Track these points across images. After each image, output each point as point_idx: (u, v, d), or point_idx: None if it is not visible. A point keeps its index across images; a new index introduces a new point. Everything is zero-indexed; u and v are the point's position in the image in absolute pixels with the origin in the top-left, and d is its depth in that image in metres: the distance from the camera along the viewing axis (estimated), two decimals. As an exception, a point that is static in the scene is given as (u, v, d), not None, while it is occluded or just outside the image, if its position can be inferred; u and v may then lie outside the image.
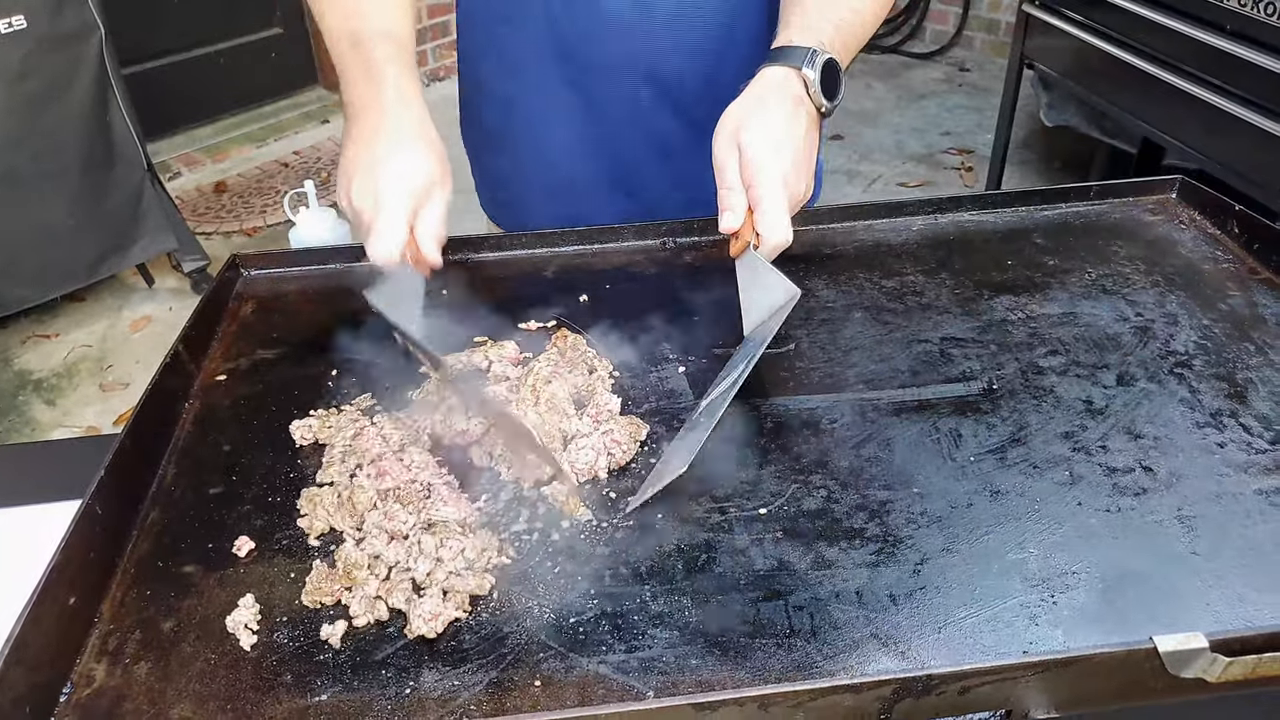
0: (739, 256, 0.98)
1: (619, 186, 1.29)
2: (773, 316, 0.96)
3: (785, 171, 0.96)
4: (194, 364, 1.01)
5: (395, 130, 0.95)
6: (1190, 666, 0.65)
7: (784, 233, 0.95)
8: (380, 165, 0.93)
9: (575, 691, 0.67)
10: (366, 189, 0.93)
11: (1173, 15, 2.46)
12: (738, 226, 0.96)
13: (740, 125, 0.97)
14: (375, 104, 0.97)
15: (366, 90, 0.98)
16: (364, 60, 0.99)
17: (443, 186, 0.97)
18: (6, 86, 2.75)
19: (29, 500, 1.00)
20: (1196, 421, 0.90)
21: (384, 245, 0.91)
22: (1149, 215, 1.24)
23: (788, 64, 1.00)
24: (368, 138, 0.95)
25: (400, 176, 0.93)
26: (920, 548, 0.78)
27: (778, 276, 0.96)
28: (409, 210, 0.93)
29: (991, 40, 5.35)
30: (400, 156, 0.94)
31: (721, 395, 0.90)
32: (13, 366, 3.13)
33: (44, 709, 0.66)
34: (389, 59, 0.99)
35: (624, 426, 0.91)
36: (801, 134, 0.98)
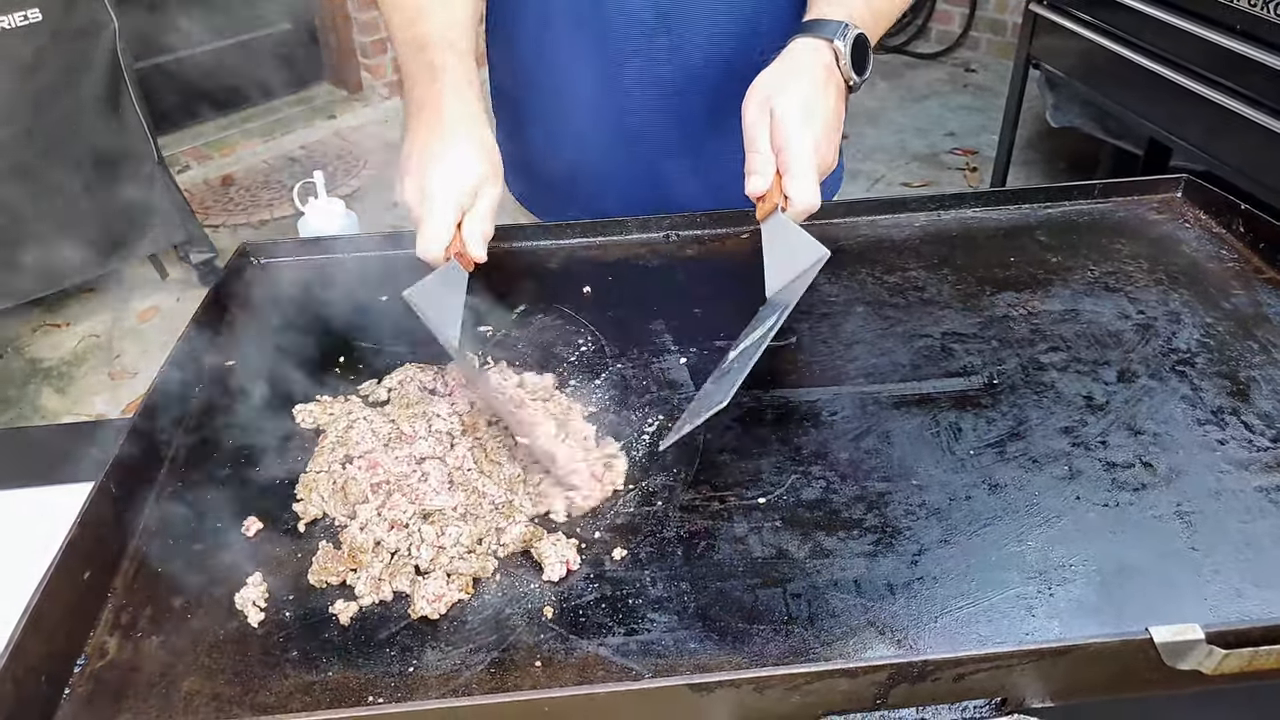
0: (765, 220, 0.99)
1: (640, 176, 1.30)
2: (799, 277, 0.97)
3: (816, 138, 0.97)
4: (204, 350, 1.03)
5: (447, 130, 0.98)
6: (1186, 658, 0.66)
7: (813, 197, 0.97)
8: (430, 164, 0.96)
9: (575, 672, 0.69)
10: (418, 187, 0.96)
11: (1181, 15, 2.46)
12: (765, 189, 0.98)
13: (773, 92, 0.99)
14: (432, 104, 1.00)
15: (426, 91, 1.02)
16: (425, 63, 1.03)
17: (492, 185, 1.00)
18: (20, 79, 2.76)
19: (41, 481, 1.01)
20: (1198, 418, 0.91)
21: (429, 242, 0.95)
22: (1154, 214, 1.25)
23: (820, 35, 1.03)
24: (423, 137, 0.99)
25: (448, 175, 0.96)
26: (918, 539, 0.79)
27: (806, 238, 0.97)
28: (456, 208, 0.97)
29: (998, 41, 5.34)
30: (450, 156, 0.97)
31: (754, 344, 0.90)
32: (24, 355, 3.15)
33: (59, 678, 0.68)
34: (448, 63, 1.03)
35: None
36: (832, 104, 1.01)
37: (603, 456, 0.88)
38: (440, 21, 1.07)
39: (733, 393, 0.81)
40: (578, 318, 1.09)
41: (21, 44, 2.73)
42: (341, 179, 4.19)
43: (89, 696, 0.67)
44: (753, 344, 0.91)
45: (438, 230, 0.95)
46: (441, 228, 0.95)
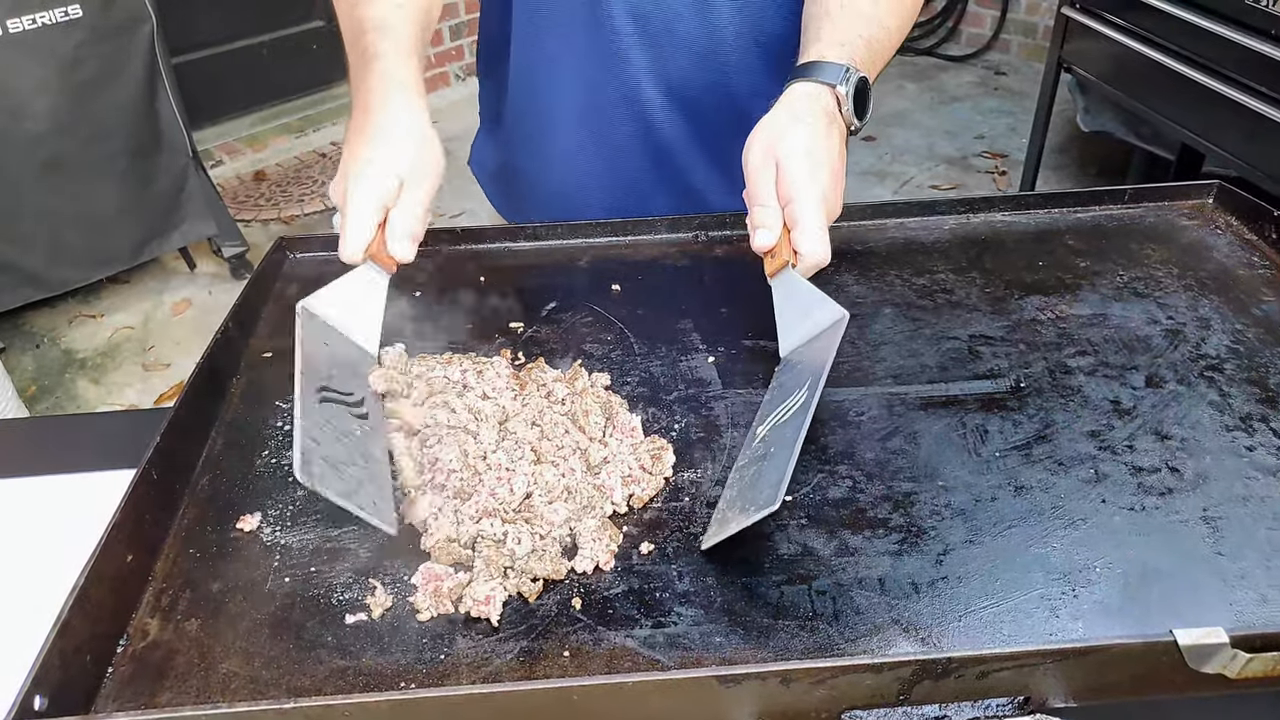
0: (775, 276, 0.95)
1: (619, 194, 1.31)
2: (819, 338, 0.92)
3: (823, 188, 0.94)
4: (242, 342, 1.05)
5: (374, 122, 0.94)
6: (1210, 662, 0.66)
7: (824, 251, 0.93)
8: (351, 163, 0.93)
9: (603, 662, 0.70)
10: (339, 184, 0.94)
11: (1214, 19, 2.44)
12: (774, 243, 0.94)
13: (775, 140, 0.95)
14: (362, 96, 0.96)
15: (360, 82, 0.98)
16: (361, 49, 0.99)
17: (419, 183, 0.94)
18: (60, 74, 2.82)
19: (76, 469, 1.03)
20: (1226, 424, 0.91)
21: (348, 245, 0.91)
22: (1184, 220, 1.24)
23: (821, 81, 0.99)
24: (353, 133, 0.95)
25: (369, 170, 0.91)
26: (943, 539, 0.80)
27: (821, 296, 0.92)
28: (378, 206, 0.92)
29: (1028, 44, 5.31)
30: (374, 149, 0.92)
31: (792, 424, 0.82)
32: (60, 345, 3.21)
33: (103, 658, 0.70)
34: (381, 50, 0.98)
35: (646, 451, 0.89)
36: (836, 150, 0.97)
37: (651, 448, 0.89)
38: (382, 5, 1.02)
39: (782, 492, 0.74)
40: (607, 315, 1.10)
41: (62, 39, 2.79)
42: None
43: (131, 676, 0.69)
44: (790, 422, 0.83)
45: (356, 229, 0.91)
46: (360, 227, 0.91)
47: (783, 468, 0.76)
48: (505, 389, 0.95)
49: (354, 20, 1.02)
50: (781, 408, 0.87)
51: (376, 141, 0.93)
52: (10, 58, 2.71)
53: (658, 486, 0.86)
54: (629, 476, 0.86)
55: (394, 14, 1.01)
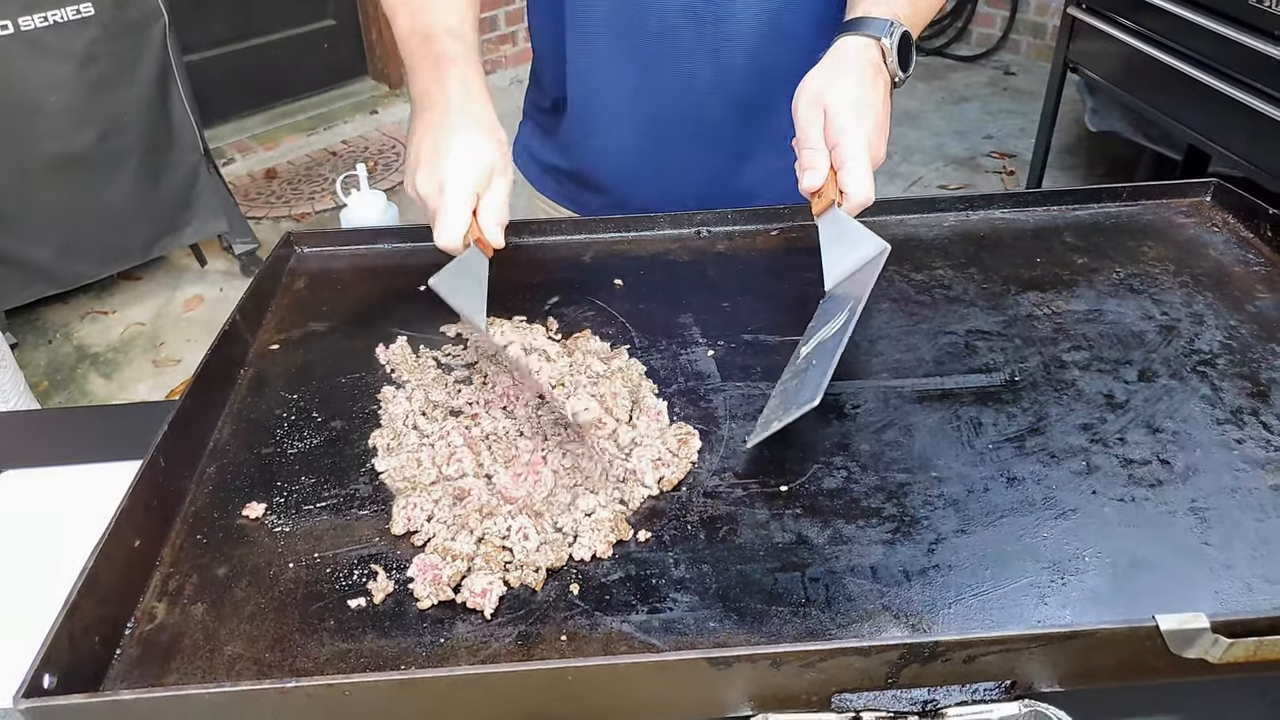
0: (821, 215, 1.01)
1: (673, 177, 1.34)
2: (862, 270, 0.98)
3: (869, 133, 1.00)
4: (249, 334, 1.07)
5: (458, 120, 1.00)
6: (1192, 646, 0.67)
7: (869, 190, 0.99)
8: (444, 154, 0.98)
9: (599, 647, 0.71)
10: (431, 178, 0.98)
11: (1218, 19, 2.45)
12: (820, 184, 1.00)
13: (824, 89, 1.01)
14: (440, 96, 1.02)
15: (433, 83, 1.03)
16: (432, 55, 1.05)
17: (503, 173, 1.01)
18: (74, 70, 2.85)
19: (88, 460, 1.06)
20: (1216, 418, 0.92)
21: (449, 231, 0.96)
22: (1182, 217, 1.25)
23: (867, 34, 1.05)
24: (433, 128, 1.00)
25: (462, 164, 0.97)
26: (936, 528, 0.81)
27: (864, 231, 0.99)
28: (472, 196, 0.98)
29: (1038, 44, 5.31)
30: (462, 145, 0.98)
31: (834, 338, 0.90)
32: (72, 340, 3.24)
33: (110, 640, 0.71)
34: (454, 54, 1.05)
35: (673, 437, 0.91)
36: (881, 100, 1.03)
37: (678, 431, 0.91)
38: (446, 14, 1.08)
39: (822, 392, 0.81)
40: (609, 309, 1.12)
41: (74, 36, 2.82)
42: (382, 173, 4.26)
43: (139, 658, 0.71)
44: (831, 339, 0.91)
45: (456, 218, 0.96)
46: (459, 216, 0.97)
47: (823, 372, 0.84)
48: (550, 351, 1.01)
49: (420, 24, 1.08)
50: (824, 329, 0.94)
51: (463, 134, 0.99)
52: (23, 55, 2.74)
53: (685, 469, 0.87)
54: (659, 460, 0.87)
55: (463, 23, 1.09)
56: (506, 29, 4.92)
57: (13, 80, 2.76)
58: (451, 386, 0.97)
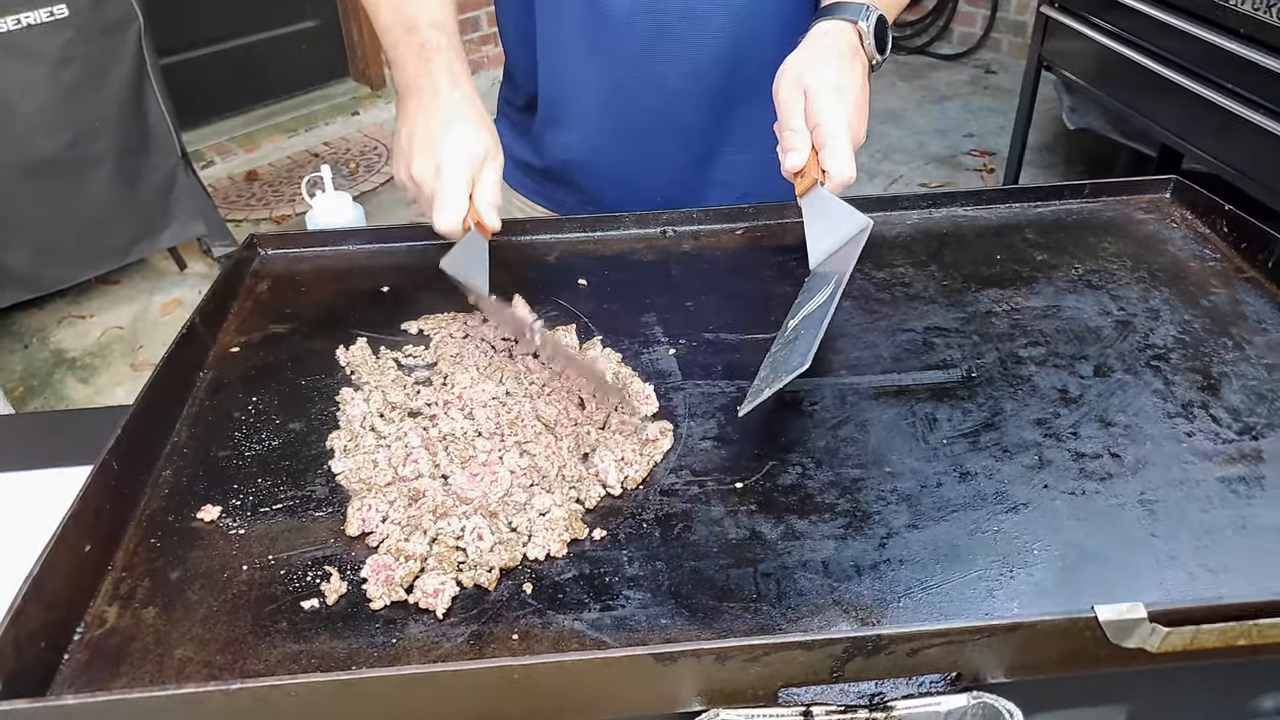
0: (805, 194, 1.04)
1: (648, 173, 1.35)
2: (845, 246, 1.01)
3: (850, 113, 1.03)
4: (209, 336, 1.07)
5: (450, 107, 1.03)
6: (1131, 636, 0.68)
7: (850, 169, 1.02)
8: (439, 140, 1.01)
9: (550, 645, 0.72)
10: (428, 163, 1.01)
11: (1185, 18, 2.47)
12: (803, 164, 1.03)
13: (804, 72, 1.04)
14: (429, 85, 1.05)
15: (420, 72, 1.06)
16: (417, 45, 1.08)
17: (495, 158, 1.05)
18: (47, 73, 2.84)
19: (59, 463, 1.05)
20: (1168, 412, 0.93)
21: (449, 213, 1.00)
22: (1141, 214, 1.27)
23: (843, 18, 1.09)
24: (424, 115, 1.03)
25: (458, 149, 1.01)
26: (888, 523, 0.82)
27: (847, 209, 1.02)
28: (468, 180, 1.01)
29: (1018, 43, 5.33)
30: (456, 131, 1.01)
31: (820, 310, 0.93)
32: (49, 345, 3.23)
33: (58, 645, 0.71)
34: (439, 43, 1.08)
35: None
36: (859, 81, 1.06)
37: (654, 431, 0.92)
38: (427, 6, 1.11)
39: (810, 357, 0.84)
40: (573, 309, 1.12)
41: (48, 40, 2.81)
42: (364, 175, 4.26)
43: (87, 662, 0.71)
44: (817, 310, 0.94)
45: (455, 202, 1.00)
46: (458, 200, 1.00)
47: (811, 340, 0.86)
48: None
49: (403, 16, 1.11)
50: (810, 303, 0.98)
51: (456, 120, 1.02)
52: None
53: (648, 468, 0.88)
54: (623, 460, 0.88)
55: (444, 14, 1.12)
56: (489, 29, 4.91)
57: (-14, 84, 2.75)
58: (410, 388, 0.98)
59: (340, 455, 0.89)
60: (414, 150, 1.02)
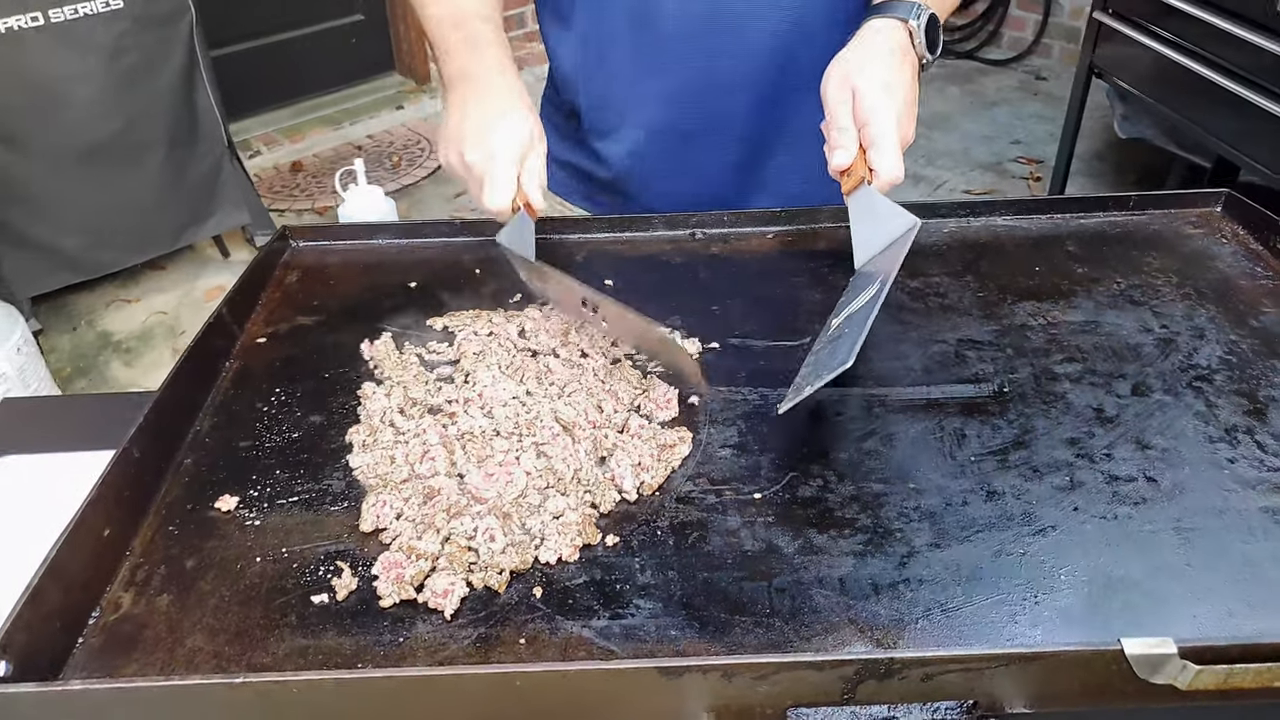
0: (851, 193, 1.03)
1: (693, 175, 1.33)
2: (891, 246, 1.00)
3: (899, 112, 1.02)
4: (237, 326, 1.07)
5: (500, 96, 1.07)
6: (1159, 672, 0.65)
7: (899, 168, 1.01)
8: (490, 127, 1.04)
9: (557, 651, 0.71)
10: (480, 148, 1.04)
11: (1248, 27, 2.39)
12: (851, 163, 1.02)
13: (853, 70, 1.04)
14: (480, 74, 1.09)
15: (470, 62, 1.10)
16: (466, 37, 1.12)
17: (541, 142, 1.08)
18: (102, 63, 2.89)
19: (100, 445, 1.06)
20: (1209, 436, 0.90)
21: (501, 195, 1.02)
22: (1190, 228, 1.23)
23: (894, 16, 1.08)
24: (475, 103, 1.07)
25: (509, 135, 1.04)
26: (909, 541, 0.80)
27: (895, 208, 1.00)
28: (518, 164, 1.05)
29: (1070, 49, 5.22)
30: (507, 118, 1.05)
31: (865, 309, 0.93)
32: (96, 327, 3.29)
33: (74, 627, 0.72)
34: (488, 37, 1.12)
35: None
36: (909, 80, 1.05)
37: (673, 436, 0.90)
38: (476, 1, 1.15)
39: (854, 355, 0.84)
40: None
41: (103, 29, 2.86)
42: (406, 168, 4.28)
43: (100, 647, 0.71)
44: (861, 309, 0.94)
45: (506, 184, 1.03)
46: (508, 182, 1.03)
47: (855, 338, 0.86)
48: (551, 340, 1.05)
49: (449, 10, 1.15)
50: (855, 301, 0.97)
51: (505, 109, 1.06)
52: (52, 46, 2.78)
53: (665, 475, 0.87)
54: (640, 465, 0.86)
55: (491, 7, 1.16)
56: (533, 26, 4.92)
57: (42, 72, 2.81)
58: (432, 384, 0.97)
59: (359, 450, 0.89)
60: (465, 136, 1.05)
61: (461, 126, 1.06)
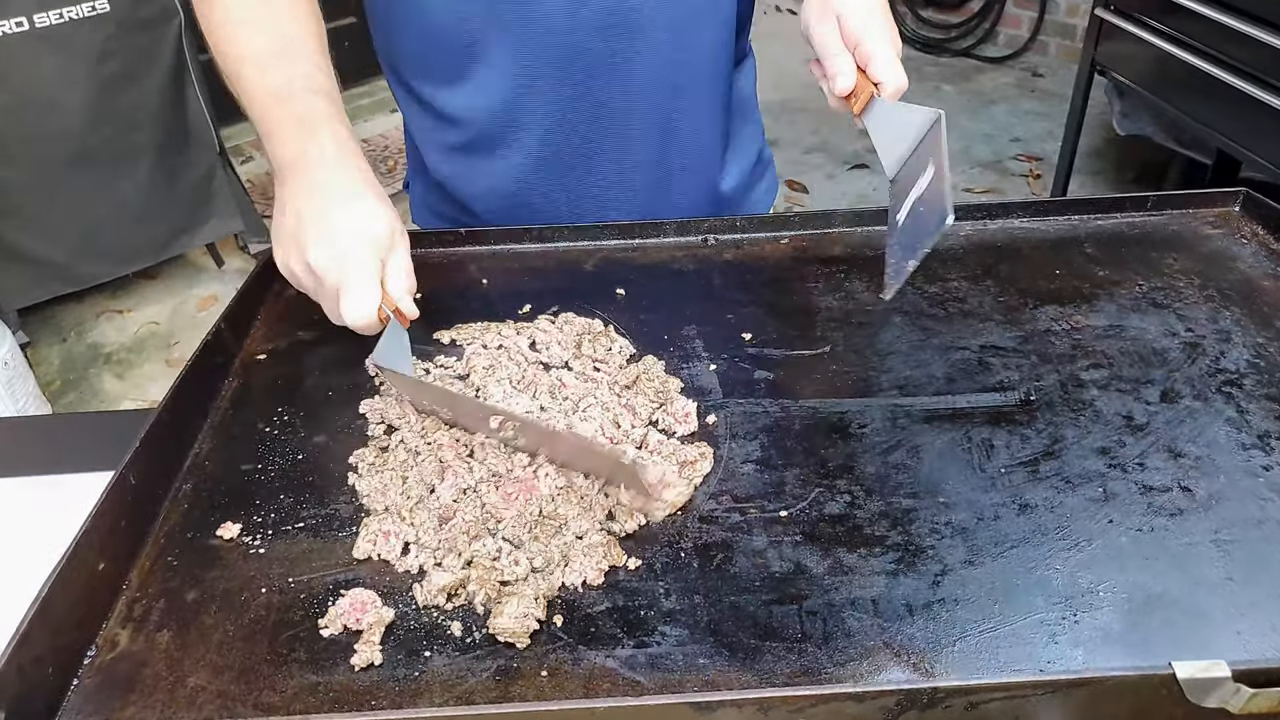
0: (865, 111, 1.01)
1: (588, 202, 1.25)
2: (922, 144, 0.97)
3: (886, 24, 1.03)
4: (235, 342, 1.04)
5: (344, 184, 0.91)
6: (1211, 696, 0.63)
7: (903, 76, 1.00)
8: (338, 223, 0.89)
9: (580, 684, 0.68)
10: (327, 250, 0.88)
11: (1251, 22, 2.37)
12: (853, 84, 1.01)
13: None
14: (317, 159, 0.92)
15: (302, 146, 0.93)
16: (295, 116, 0.95)
17: (403, 237, 0.93)
18: (88, 68, 2.85)
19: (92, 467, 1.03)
20: (1242, 443, 0.87)
21: (363, 303, 0.87)
22: (1209, 228, 1.20)
23: None
24: (315, 196, 0.91)
25: (362, 232, 0.89)
26: (942, 559, 0.77)
27: (914, 108, 0.97)
28: (379, 266, 0.90)
29: (1067, 46, 5.22)
30: (357, 211, 0.90)
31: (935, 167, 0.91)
32: (86, 339, 3.24)
33: (67, 669, 0.68)
34: (322, 112, 0.95)
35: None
36: None
37: (694, 452, 0.87)
38: (301, 65, 0.97)
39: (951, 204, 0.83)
40: (610, 320, 1.08)
41: (90, 33, 2.82)
42: (401, 172, 4.25)
43: (96, 688, 0.68)
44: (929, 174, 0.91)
45: (368, 293, 0.87)
46: (371, 288, 0.88)
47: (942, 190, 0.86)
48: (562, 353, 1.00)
49: (273, 83, 0.96)
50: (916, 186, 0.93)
51: (352, 200, 0.91)
52: (38, 52, 2.74)
53: (689, 494, 0.83)
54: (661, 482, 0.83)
55: (321, 74, 0.99)
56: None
57: (28, 77, 2.77)
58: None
59: (366, 472, 0.86)
60: (307, 236, 0.88)
61: (301, 225, 0.89)
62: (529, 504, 0.81)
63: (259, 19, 1.01)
